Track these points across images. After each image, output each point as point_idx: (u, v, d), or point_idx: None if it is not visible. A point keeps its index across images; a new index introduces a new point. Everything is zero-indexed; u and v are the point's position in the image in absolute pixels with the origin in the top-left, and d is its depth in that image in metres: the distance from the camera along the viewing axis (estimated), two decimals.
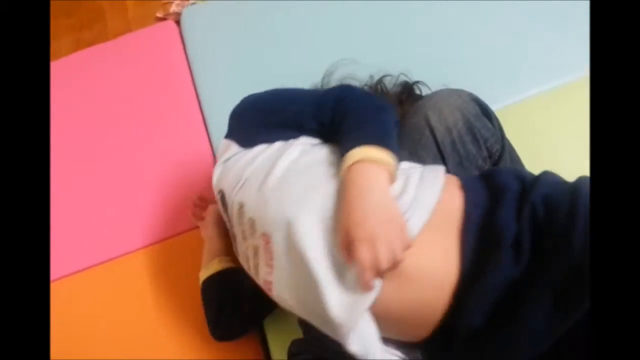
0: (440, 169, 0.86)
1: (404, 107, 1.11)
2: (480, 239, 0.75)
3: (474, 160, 0.96)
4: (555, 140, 1.19)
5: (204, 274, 1.11)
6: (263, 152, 0.92)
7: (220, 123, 1.44)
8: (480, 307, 0.73)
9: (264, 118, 0.96)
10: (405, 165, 0.88)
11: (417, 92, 1.17)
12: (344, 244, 0.72)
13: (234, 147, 0.98)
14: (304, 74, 1.42)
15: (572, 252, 0.69)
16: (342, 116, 0.88)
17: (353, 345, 0.73)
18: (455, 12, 1.48)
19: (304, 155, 0.87)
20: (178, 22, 1.71)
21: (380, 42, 1.48)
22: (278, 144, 0.92)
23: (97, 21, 1.98)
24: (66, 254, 1.30)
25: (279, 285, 0.82)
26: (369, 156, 0.77)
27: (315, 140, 0.92)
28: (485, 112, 0.98)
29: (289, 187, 0.82)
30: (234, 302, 1.07)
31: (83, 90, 1.61)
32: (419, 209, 0.77)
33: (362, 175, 0.76)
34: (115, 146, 1.49)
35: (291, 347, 0.90)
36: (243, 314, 1.08)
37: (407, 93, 1.16)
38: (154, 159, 1.44)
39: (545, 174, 0.81)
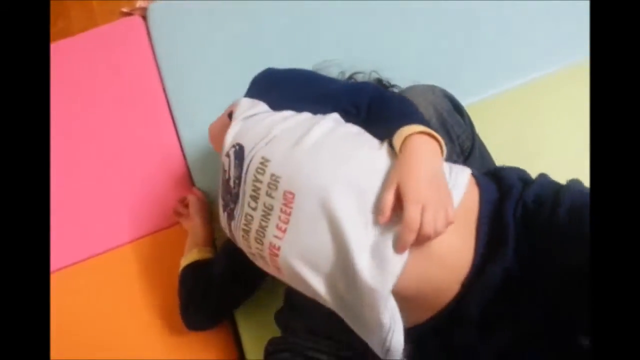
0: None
1: None
2: (491, 233, 0.78)
3: (448, 157, 0.96)
4: (542, 127, 1.23)
5: (182, 263, 1.12)
6: (293, 116, 0.91)
7: (187, 117, 1.46)
8: (481, 299, 0.75)
9: (299, 88, 0.98)
10: None
11: (391, 85, 1.18)
12: (389, 203, 0.74)
13: (261, 106, 0.96)
14: (270, 58, 1.41)
15: (555, 241, 0.72)
16: (381, 104, 0.91)
17: (384, 315, 0.73)
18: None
19: (337, 127, 0.88)
20: (144, 18, 1.67)
21: (362, 37, 1.47)
22: (306, 114, 0.92)
23: (60, 17, 1.92)
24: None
25: (289, 249, 0.80)
26: (428, 131, 0.80)
27: (342, 120, 0.93)
28: (457, 108, 0.99)
29: (326, 152, 0.83)
30: (205, 292, 1.07)
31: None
32: (455, 188, 0.79)
33: (422, 145, 0.80)
34: (80, 142, 1.46)
35: (268, 346, 0.89)
36: (214, 305, 1.09)
37: (381, 86, 1.17)
38: (121, 155, 1.42)
39: (541, 176, 0.84)
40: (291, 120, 0.89)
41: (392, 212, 0.74)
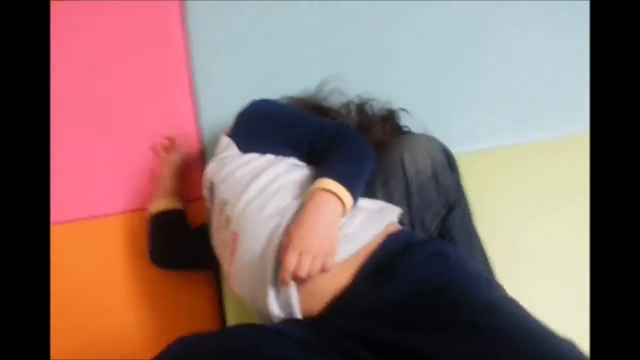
0: (391, 214, 1.04)
1: (386, 130, 1.28)
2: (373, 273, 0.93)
3: (434, 205, 1.12)
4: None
5: (152, 210, 1.32)
6: (254, 160, 1.09)
7: (210, 98, 1.50)
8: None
9: (267, 132, 1.13)
10: (363, 202, 1.04)
11: (400, 119, 1.32)
12: (284, 246, 0.92)
13: (233, 149, 1.14)
14: (300, 55, 1.53)
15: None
16: (332, 147, 1.07)
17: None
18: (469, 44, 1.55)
19: (280, 177, 1.05)
20: None
21: (379, 59, 1.54)
22: (269, 157, 1.09)
23: None
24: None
25: (235, 277, 1.02)
26: (336, 191, 0.96)
27: (299, 162, 1.10)
28: (450, 163, 1.14)
29: (266, 200, 1.00)
30: (170, 239, 1.30)
31: (78, 40, 1.63)
32: (352, 240, 0.95)
33: (323, 201, 0.95)
34: (103, 105, 1.54)
35: None
36: (177, 251, 1.32)
37: (392, 118, 1.32)
38: (139, 126, 1.51)
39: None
40: (251, 164, 1.07)
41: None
